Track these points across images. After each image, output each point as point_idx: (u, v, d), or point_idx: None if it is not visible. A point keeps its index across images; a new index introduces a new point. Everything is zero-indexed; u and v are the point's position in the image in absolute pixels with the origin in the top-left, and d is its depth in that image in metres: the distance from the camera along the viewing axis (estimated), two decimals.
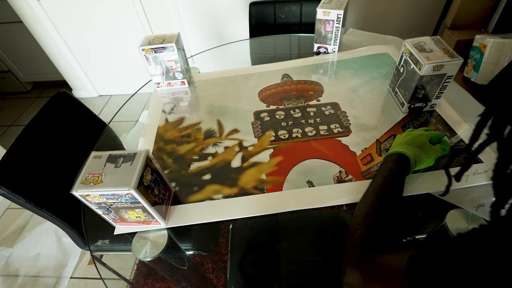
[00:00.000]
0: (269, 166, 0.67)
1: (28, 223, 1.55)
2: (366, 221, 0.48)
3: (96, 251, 0.68)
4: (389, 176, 0.53)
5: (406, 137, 0.59)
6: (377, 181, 0.53)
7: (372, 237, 0.46)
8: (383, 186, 0.51)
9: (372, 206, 0.49)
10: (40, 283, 1.31)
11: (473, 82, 1.49)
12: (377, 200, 0.50)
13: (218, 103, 0.88)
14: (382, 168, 0.56)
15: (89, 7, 1.82)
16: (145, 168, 0.51)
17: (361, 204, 0.51)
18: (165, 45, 0.84)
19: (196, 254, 0.68)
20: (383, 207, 0.49)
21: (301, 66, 0.98)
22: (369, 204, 0.50)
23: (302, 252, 0.63)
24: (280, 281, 0.60)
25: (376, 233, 0.46)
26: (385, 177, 0.53)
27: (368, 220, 0.48)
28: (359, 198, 0.59)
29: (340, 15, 0.89)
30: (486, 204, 0.55)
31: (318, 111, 0.80)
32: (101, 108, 2.28)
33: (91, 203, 0.50)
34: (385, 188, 0.51)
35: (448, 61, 0.62)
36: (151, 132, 0.81)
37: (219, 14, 1.84)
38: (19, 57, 2.30)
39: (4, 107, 2.43)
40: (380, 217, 0.48)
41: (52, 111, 0.90)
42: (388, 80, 0.85)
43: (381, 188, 0.51)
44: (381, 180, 0.53)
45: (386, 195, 0.51)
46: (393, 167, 0.54)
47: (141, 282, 0.89)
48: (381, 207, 0.49)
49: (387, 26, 1.85)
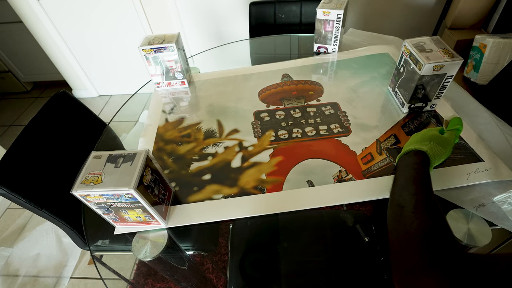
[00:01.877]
0: (269, 166, 0.67)
1: (28, 223, 1.55)
2: (420, 210, 0.37)
3: (96, 251, 0.68)
4: (417, 168, 0.46)
5: (415, 137, 0.56)
6: (406, 174, 0.46)
7: (441, 230, 0.35)
8: (417, 176, 0.44)
9: (418, 195, 0.40)
10: (40, 283, 1.31)
11: (473, 82, 1.49)
12: (419, 188, 0.41)
13: (218, 103, 0.88)
14: (402, 165, 0.49)
15: (89, 7, 1.82)
16: (145, 168, 0.51)
17: (400, 196, 0.42)
18: (165, 45, 0.84)
19: (196, 254, 0.69)
20: (430, 195, 0.40)
21: (301, 66, 0.98)
22: (412, 192, 0.41)
23: (302, 252, 0.63)
24: (280, 281, 0.60)
25: (443, 225, 0.36)
26: (414, 168, 0.46)
27: (423, 209, 0.37)
28: (359, 197, 0.59)
29: (340, 15, 0.89)
30: (486, 204, 0.55)
31: (318, 111, 0.80)
32: (101, 108, 2.28)
33: (91, 203, 0.50)
34: (420, 178, 0.44)
35: (448, 61, 0.62)
36: (151, 132, 0.81)
37: (219, 14, 1.84)
38: (19, 57, 2.30)
39: (4, 107, 2.43)
40: (434, 205, 0.39)
41: (52, 111, 0.90)
42: (388, 80, 0.85)
43: (418, 177, 0.44)
44: (412, 171, 0.45)
45: (426, 183, 0.43)
46: (415, 161, 0.48)
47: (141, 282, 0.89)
48: (428, 196, 0.40)
49: (387, 26, 1.85)
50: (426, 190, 0.41)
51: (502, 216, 0.53)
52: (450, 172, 0.60)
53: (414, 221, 0.36)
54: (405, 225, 0.36)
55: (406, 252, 0.33)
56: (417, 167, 0.46)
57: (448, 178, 0.59)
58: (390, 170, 0.62)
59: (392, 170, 0.62)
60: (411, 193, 0.41)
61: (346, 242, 0.66)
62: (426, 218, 0.36)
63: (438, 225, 0.35)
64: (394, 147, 0.67)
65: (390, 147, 0.67)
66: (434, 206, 0.39)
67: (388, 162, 0.64)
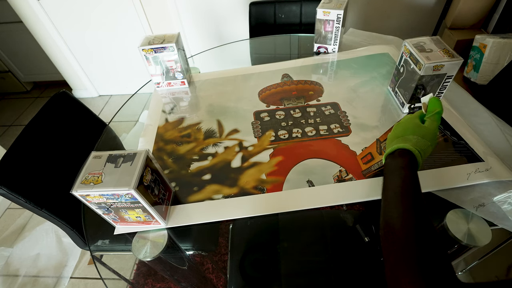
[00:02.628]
0: (269, 166, 0.67)
1: (28, 223, 1.55)
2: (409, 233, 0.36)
3: (96, 251, 0.68)
4: (404, 174, 0.44)
5: (396, 129, 0.53)
6: (393, 183, 0.44)
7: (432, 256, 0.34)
8: (404, 186, 0.42)
9: (405, 213, 0.39)
10: (40, 283, 1.31)
11: (473, 82, 1.49)
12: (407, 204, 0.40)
13: (218, 103, 0.88)
14: (389, 170, 0.48)
15: (89, 7, 1.82)
16: (145, 168, 0.51)
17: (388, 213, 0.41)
18: (165, 45, 0.84)
19: (196, 254, 0.68)
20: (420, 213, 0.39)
21: (301, 66, 0.98)
22: (400, 210, 0.40)
23: (302, 252, 0.63)
24: (280, 281, 0.60)
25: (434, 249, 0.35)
26: (400, 176, 0.44)
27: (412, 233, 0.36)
28: (359, 197, 0.59)
29: (340, 15, 0.89)
30: (486, 204, 0.55)
31: (318, 111, 0.80)
32: (101, 108, 2.28)
33: (91, 203, 0.50)
34: (407, 189, 0.42)
35: (448, 61, 0.62)
36: (151, 132, 0.81)
37: (219, 14, 1.84)
38: (19, 57, 2.30)
39: (4, 107, 2.43)
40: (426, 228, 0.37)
41: (52, 111, 0.90)
42: (388, 80, 0.85)
43: (405, 187, 0.42)
44: (398, 180, 0.44)
45: (414, 196, 0.41)
46: (402, 164, 0.46)
47: (141, 282, 0.89)
48: (418, 214, 0.39)
49: (387, 26, 1.85)
50: (414, 205, 0.40)
51: (502, 216, 0.53)
52: (450, 172, 0.60)
53: (405, 247, 0.35)
54: (397, 251, 0.36)
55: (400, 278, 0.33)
56: (404, 172, 0.45)
57: (448, 178, 0.59)
58: None
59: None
60: (399, 211, 0.40)
61: (346, 242, 0.66)
62: (415, 245, 0.35)
63: (428, 250, 0.35)
64: None
65: None
66: (423, 225, 0.38)
67: None
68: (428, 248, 0.35)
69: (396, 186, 0.44)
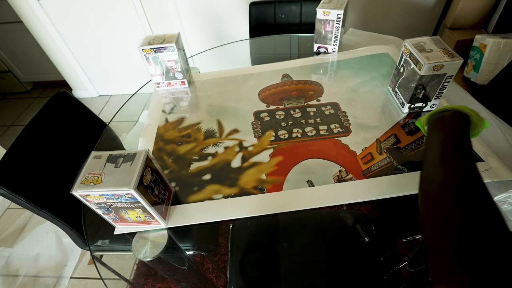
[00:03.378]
0: (269, 166, 0.67)
1: (28, 223, 1.55)
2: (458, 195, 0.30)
3: (96, 251, 0.68)
4: (454, 133, 0.37)
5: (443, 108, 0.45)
6: (436, 144, 0.36)
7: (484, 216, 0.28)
8: (453, 146, 0.35)
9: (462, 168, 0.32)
10: (40, 283, 1.31)
11: (473, 82, 1.49)
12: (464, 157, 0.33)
13: (218, 103, 0.88)
14: (435, 128, 0.39)
15: (89, 7, 1.82)
16: (145, 168, 0.51)
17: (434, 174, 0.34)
18: (165, 45, 0.84)
19: (196, 254, 0.69)
20: (473, 174, 0.32)
21: (301, 66, 0.98)
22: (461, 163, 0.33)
23: (302, 252, 0.63)
24: (280, 281, 0.60)
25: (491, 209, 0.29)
26: (448, 136, 0.36)
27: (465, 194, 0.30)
28: (359, 197, 0.59)
29: (340, 15, 0.89)
30: None
31: (318, 111, 0.80)
32: (101, 108, 2.28)
33: (91, 203, 0.50)
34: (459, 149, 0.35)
35: (448, 61, 0.62)
36: (151, 132, 0.81)
37: (219, 14, 1.84)
38: (19, 57, 2.30)
39: (4, 107, 2.43)
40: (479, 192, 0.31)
41: (52, 111, 0.90)
42: (388, 80, 0.85)
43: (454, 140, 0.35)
44: (447, 139, 0.36)
45: (465, 157, 0.34)
46: (453, 123, 0.38)
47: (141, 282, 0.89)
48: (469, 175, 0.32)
49: (387, 26, 1.85)
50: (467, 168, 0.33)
51: None
52: None
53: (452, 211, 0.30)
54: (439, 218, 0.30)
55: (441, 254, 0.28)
56: (455, 131, 0.37)
57: None
58: (390, 170, 0.62)
59: (392, 170, 0.62)
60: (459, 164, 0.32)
61: (346, 242, 0.66)
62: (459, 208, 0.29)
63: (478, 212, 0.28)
64: (394, 147, 0.67)
65: (390, 147, 0.67)
66: (478, 188, 0.31)
67: (388, 162, 0.64)
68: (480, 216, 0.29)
69: (439, 145, 0.37)
